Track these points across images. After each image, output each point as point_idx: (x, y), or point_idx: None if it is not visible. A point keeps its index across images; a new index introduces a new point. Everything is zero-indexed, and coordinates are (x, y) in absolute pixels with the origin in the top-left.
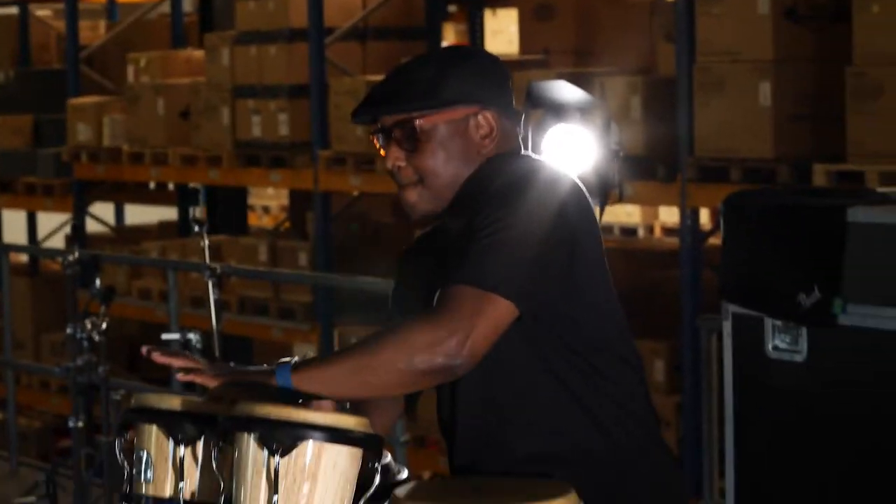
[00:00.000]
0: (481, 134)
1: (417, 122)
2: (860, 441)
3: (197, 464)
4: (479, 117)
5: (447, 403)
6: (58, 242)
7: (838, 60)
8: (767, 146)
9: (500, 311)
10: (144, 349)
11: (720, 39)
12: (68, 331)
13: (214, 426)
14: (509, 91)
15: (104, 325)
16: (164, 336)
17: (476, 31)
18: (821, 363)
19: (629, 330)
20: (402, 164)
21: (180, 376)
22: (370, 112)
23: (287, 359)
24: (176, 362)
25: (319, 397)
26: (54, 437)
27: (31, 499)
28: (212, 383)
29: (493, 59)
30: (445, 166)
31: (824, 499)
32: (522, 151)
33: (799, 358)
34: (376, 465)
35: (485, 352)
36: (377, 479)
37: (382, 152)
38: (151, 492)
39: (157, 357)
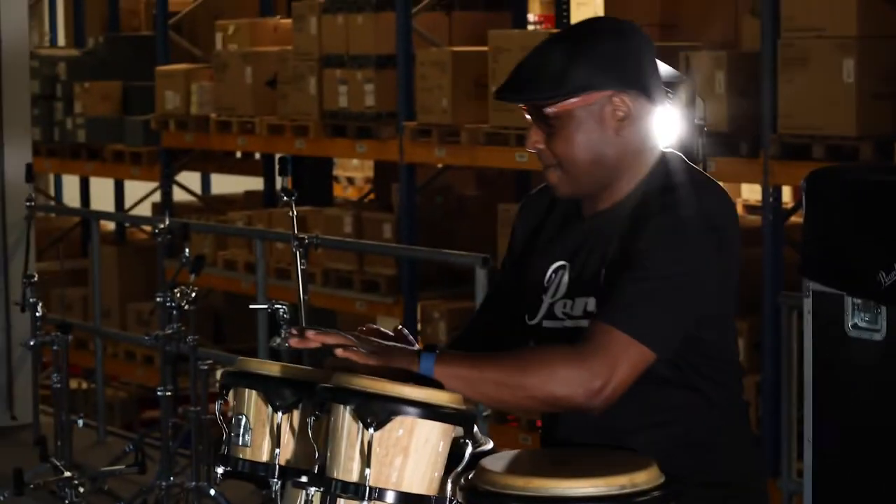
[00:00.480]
0: (618, 117)
1: (548, 110)
2: None
3: (293, 431)
4: (615, 100)
5: None
6: (144, 211)
7: None
8: (850, 123)
9: (644, 361)
10: (294, 330)
11: (804, 15)
12: (157, 299)
13: (312, 394)
14: (650, 67)
15: (193, 294)
16: (252, 306)
17: (562, 1)
18: None
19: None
20: (541, 146)
21: (339, 352)
22: (508, 97)
23: (432, 345)
24: (329, 339)
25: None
26: (139, 407)
27: (120, 467)
28: (364, 361)
29: (634, 35)
30: (582, 152)
31: None
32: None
33: (878, 336)
34: (467, 440)
35: (619, 396)
36: (468, 455)
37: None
38: (248, 456)
39: (313, 336)
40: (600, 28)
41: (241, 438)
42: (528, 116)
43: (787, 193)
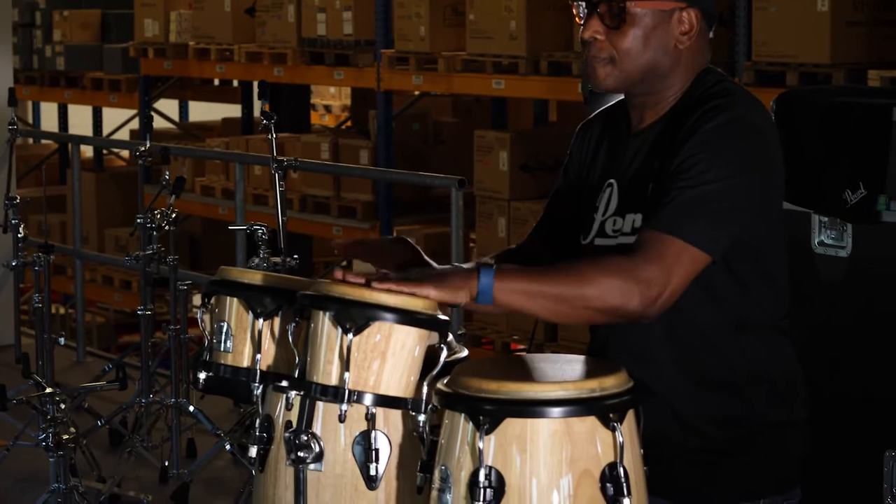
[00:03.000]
0: (682, 30)
1: (629, 3)
2: None
3: (273, 337)
4: (684, 13)
5: None
6: (123, 139)
7: None
8: (824, 51)
9: (698, 265)
10: (338, 273)
11: None
12: (138, 220)
13: (292, 301)
14: None
15: (173, 216)
16: (232, 227)
17: None
18: (864, 258)
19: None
20: (601, 37)
21: (392, 286)
22: None
23: (487, 260)
24: (369, 279)
25: None
26: (117, 332)
27: (101, 383)
28: (425, 293)
29: None
30: (642, 52)
31: (864, 385)
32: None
33: (843, 253)
34: (443, 346)
35: (675, 301)
36: (443, 359)
37: (579, 20)
38: (230, 361)
39: (351, 278)
40: None
41: (222, 345)
42: (578, 6)
43: None
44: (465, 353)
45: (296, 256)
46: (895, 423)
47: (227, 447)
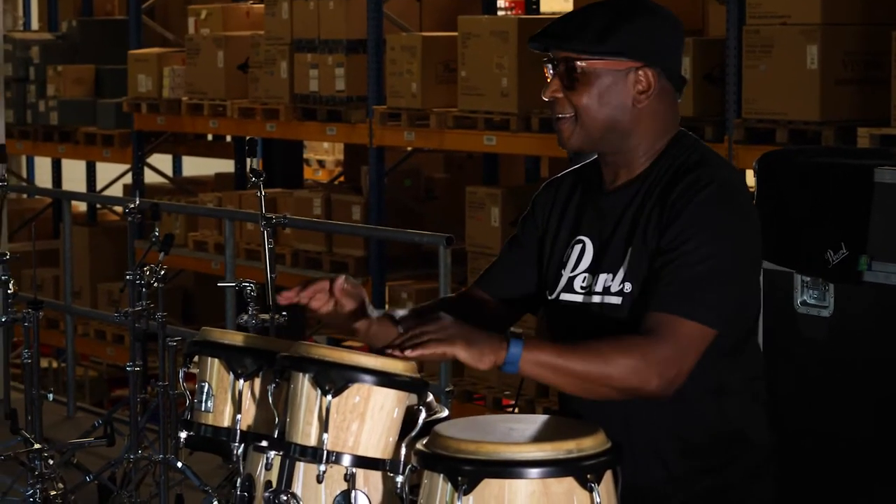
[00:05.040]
0: (638, 89)
1: (579, 63)
2: (883, 391)
3: (254, 398)
4: (640, 73)
5: None
6: (116, 193)
7: (886, 24)
8: (814, 109)
9: (707, 342)
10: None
11: (770, 2)
12: (127, 277)
13: (272, 363)
14: (678, 52)
15: (162, 272)
16: (221, 284)
17: None
18: (846, 318)
19: None
20: (559, 95)
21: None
22: (543, 42)
23: (517, 331)
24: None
25: None
26: (109, 386)
27: (89, 439)
28: (454, 352)
29: (671, 20)
30: (599, 109)
31: (848, 446)
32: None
33: (826, 313)
34: (421, 407)
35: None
36: (421, 421)
37: (548, 80)
38: (211, 421)
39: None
40: (647, 6)
41: (203, 405)
42: (547, 67)
43: (751, 177)
44: (445, 412)
45: (284, 314)
46: (877, 478)
47: (215, 503)
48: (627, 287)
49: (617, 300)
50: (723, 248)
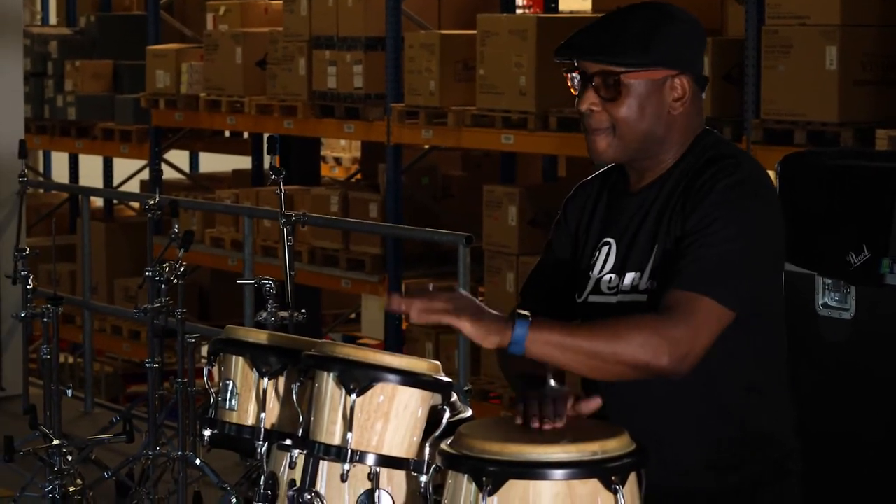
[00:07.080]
0: (674, 96)
1: (622, 76)
2: None
3: (278, 396)
4: (676, 80)
5: None
6: (132, 189)
7: None
8: (832, 110)
9: (724, 323)
10: (395, 300)
11: (789, 3)
12: (146, 273)
13: (297, 361)
14: (702, 56)
15: (181, 269)
16: (240, 281)
17: None
18: (867, 320)
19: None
20: (598, 108)
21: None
22: (576, 55)
23: (524, 312)
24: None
25: None
26: (125, 382)
27: (108, 435)
28: (460, 325)
29: (695, 23)
30: (639, 121)
31: (870, 448)
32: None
33: (847, 315)
34: (445, 407)
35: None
36: (445, 421)
37: (574, 92)
38: (235, 419)
39: (395, 302)
40: (671, 11)
41: (227, 403)
42: (573, 79)
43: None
44: (469, 412)
45: (303, 311)
46: None
47: (234, 500)
48: (655, 285)
49: (644, 298)
50: (745, 233)
